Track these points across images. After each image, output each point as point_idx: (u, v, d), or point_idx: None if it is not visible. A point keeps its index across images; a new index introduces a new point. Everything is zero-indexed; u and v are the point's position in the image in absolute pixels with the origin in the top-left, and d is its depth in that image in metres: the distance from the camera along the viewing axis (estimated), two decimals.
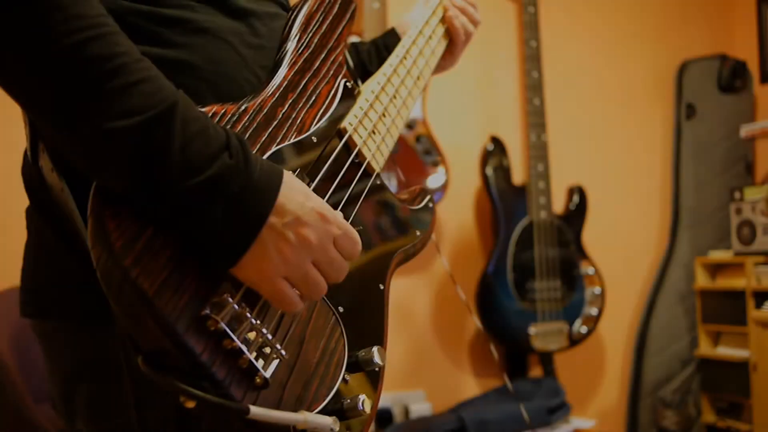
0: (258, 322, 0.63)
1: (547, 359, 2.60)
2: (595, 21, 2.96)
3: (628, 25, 3.03)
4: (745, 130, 2.78)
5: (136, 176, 0.58)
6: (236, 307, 0.61)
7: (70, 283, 0.71)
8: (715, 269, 2.79)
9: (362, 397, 0.69)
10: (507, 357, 2.65)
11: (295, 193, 0.64)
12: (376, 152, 0.85)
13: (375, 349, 0.73)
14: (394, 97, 0.92)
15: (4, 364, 1.52)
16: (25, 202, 0.77)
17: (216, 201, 0.59)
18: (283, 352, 0.65)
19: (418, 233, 0.90)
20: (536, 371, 2.68)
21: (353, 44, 1.13)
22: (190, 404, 0.58)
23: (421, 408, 2.37)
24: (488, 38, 2.71)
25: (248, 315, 0.62)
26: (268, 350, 0.64)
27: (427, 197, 0.96)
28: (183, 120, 0.59)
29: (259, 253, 0.61)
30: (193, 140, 0.59)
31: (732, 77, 2.99)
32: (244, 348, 0.61)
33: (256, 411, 0.60)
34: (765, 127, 2.71)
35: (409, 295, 2.53)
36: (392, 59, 0.96)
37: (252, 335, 0.62)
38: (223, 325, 0.60)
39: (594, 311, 2.60)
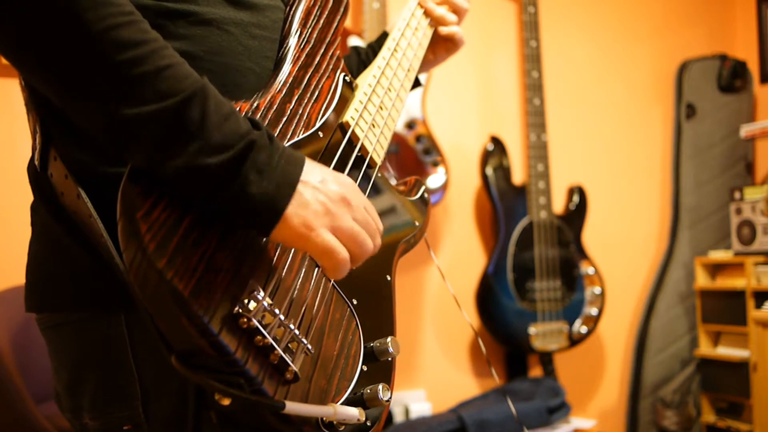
0: (284, 318, 0.65)
1: (547, 359, 2.60)
2: (596, 21, 2.96)
3: (628, 25, 3.03)
4: (745, 130, 2.78)
5: (172, 157, 0.59)
6: (265, 304, 0.63)
7: (77, 276, 0.72)
8: (715, 269, 2.79)
9: (381, 386, 0.71)
10: (507, 357, 2.65)
11: (321, 167, 0.67)
12: (376, 145, 0.87)
13: (389, 339, 0.75)
14: (389, 89, 0.93)
15: (4, 364, 1.52)
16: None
17: (248, 167, 0.61)
18: (309, 346, 0.67)
19: (417, 223, 0.92)
20: (536, 371, 2.68)
21: (353, 47, 1.14)
22: (226, 401, 0.59)
23: (421, 408, 2.37)
24: (488, 38, 2.71)
25: (276, 311, 0.64)
26: (294, 345, 0.65)
27: (422, 188, 0.98)
28: (216, 101, 0.61)
29: (301, 204, 0.62)
30: (227, 120, 0.61)
31: (732, 77, 2.99)
32: (275, 344, 0.62)
33: (291, 406, 0.61)
34: (765, 127, 2.70)
35: (408, 294, 2.53)
36: (384, 52, 0.97)
37: (280, 331, 0.64)
38: (255, 322, 0.61)
39: (594, 311, 2.60)
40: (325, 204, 0.64)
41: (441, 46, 1.12)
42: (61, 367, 0.76)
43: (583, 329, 2.58)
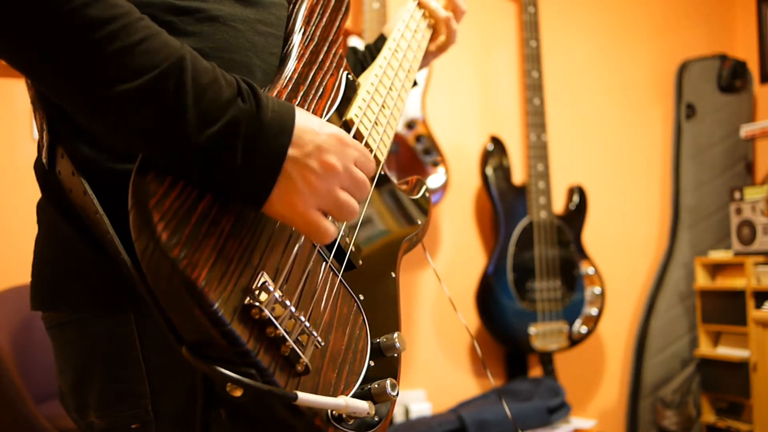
0: (295, 310, 0.65)
1: (547, 359, 2.60)
2: (596, 21, 2.96)
3: (628, 25, 3.03)
4: (745, 130, 2.78)
5: (154, 135, 0.58)
6: (276, 295, 0.63)
7: (84, 274, 0.72)
8: (715, 269, 2.79)
9: (389, 381, 0.70)
10: (507, 357, 2.65)
11: (310, 123, 0.65)
12: (380, 144, 0.87)
13: (396, 335, 0.76)
14: (390, 89, 0.94)
15: (4, 364, 1.52)
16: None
17: (234, 146, 0.60)
18: (319, 339, 0.67)
19: (419, 222, 0.93)
20: (536, 371, 2.68)
21: (350, 48, 1.14)
22: (237, 392, 0.58)
23: (421, 408, 2.37)
24: (488, 38, 2.71)
25: (287, 303, 0.64)
26: (305, 338, 0.65)
27: (424, 187, 0.99)
28: (193, 72, 0.60)
29: (287, 187, 0.62)
30: (206, 91, 0.60)
31: (732, 77, 2.99)
32: (287, 335, 0.62)
33: (303, 397, 0.61)
34: (765, 127, 2.71)
35: (409, 294, 2.53)
36: (385, 52, 0.98)
37: (291, 323, 0.64)
38: (267, 312, 0.61)
39: (594, 311, 2.60)
40: (311, 182, 0.63)
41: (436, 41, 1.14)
42: (67, 366, 0.75)
43: (583, 329, 2.58)
